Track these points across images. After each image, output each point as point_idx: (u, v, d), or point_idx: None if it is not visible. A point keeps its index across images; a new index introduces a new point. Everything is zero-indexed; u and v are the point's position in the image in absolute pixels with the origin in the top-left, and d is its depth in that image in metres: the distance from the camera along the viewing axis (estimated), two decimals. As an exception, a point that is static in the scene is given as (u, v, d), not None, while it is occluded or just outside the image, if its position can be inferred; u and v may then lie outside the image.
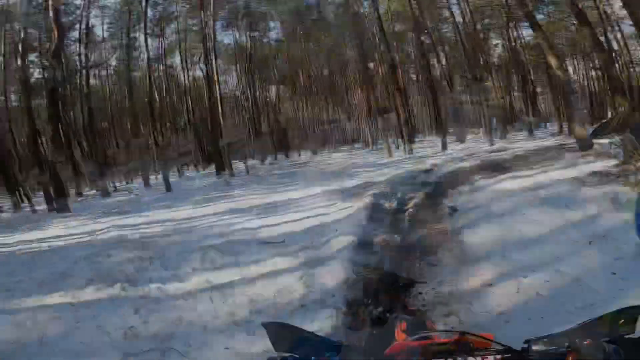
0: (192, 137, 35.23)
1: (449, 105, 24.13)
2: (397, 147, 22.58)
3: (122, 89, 27.77)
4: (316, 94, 35.59)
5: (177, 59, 33.35)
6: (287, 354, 0.91)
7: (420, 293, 3.67)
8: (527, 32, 25.87)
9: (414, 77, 38.65)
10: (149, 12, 21.13)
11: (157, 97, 24.77)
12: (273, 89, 40.25)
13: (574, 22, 13.70)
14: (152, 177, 22.83)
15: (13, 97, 22.54)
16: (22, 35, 17.75)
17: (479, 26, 23.94)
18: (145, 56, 20.78)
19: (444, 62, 28.02)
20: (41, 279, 5.01)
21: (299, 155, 35.86)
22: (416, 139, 27.79)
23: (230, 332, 3.27)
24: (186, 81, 33.27)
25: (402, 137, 19.90)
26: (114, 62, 26.12)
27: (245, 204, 10.13)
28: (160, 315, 3.70)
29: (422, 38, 20.35)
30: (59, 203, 12.98)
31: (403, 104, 19.20)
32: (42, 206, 15.33)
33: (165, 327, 3.46)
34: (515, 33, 25.09)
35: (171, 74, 34.06)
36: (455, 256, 4.44)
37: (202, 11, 20.60)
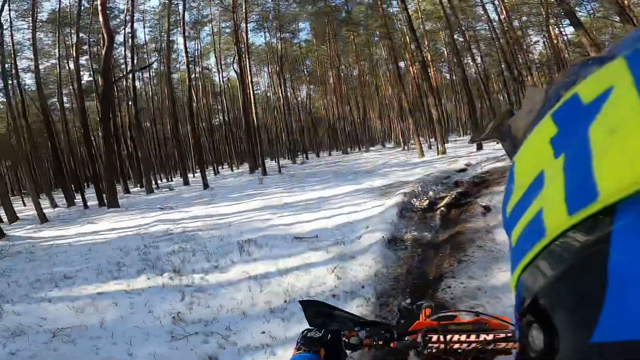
0: (226, 136, 36.25)
1: (485, 104, 23.11)
2: (430, 147, 22.82)
3: (163, 89, 29.19)
4: (346, 93, 35.38)
5: (212, 60, 34.45)
6: (320, 328, 0.99)
7: (449, 287, 3.72)
8: (569, 30, 24.17)
9: (447, 76, 37.36)
10: (186, 16, 22.01)
11: (194, 97, 25.84)
12: (304, 88, 40.41)
13: (617, 19, 12.75)
14: (189, 175, 23.91)
15: (65, 99, 24.50)
16: (74, 40, 19.10)
17: (516, 23, 22.73)
18: (184, 58, 21.67)
19: (479, 60, 26.94)
20: (98, 269, 5.50)
21: (330, 154, 35.83)
22: (450, 139, 27.16)
23: (266, 318, 3.48)
24: (221, 82, 34.27)
25: (435, 137, 19.79)
26: (155, 65, 27.60)
27: (279, 201, 10.49)
28: (203, 302, 3.99)
29: (455, 36, 19.71)
30: (109, 199, 13.82)
31: (436, 103, 18.60)
32: (93, 202, 16.61)
33: (208, 313, 3.72)
34: (556, 30, 23.51)
35: (207, 75, 35.30)
36: (486, 254, 4.43)
37: (234, 13, 21.06)
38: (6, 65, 17.08)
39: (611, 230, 0.16)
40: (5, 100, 16.09)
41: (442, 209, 7.27)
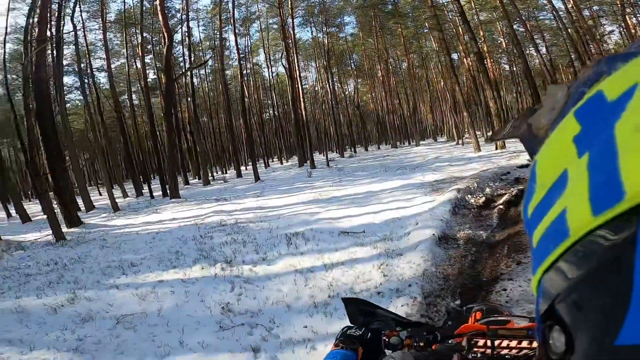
0: (276, 129, 37.16)
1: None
2: (487, 141, 21.65)
3: (218, 85, 30.68)
4: (395, 86, 34.52)
5: (261, 57, 35.51)
6: (360, 327, 0.98)
7: (505, 290, 3.45)
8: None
9: (506, 67, 34.74)
10: (235, 13, 22.80)
11: (246, 92, 26.83)
12: (351, 82, 40.07)
13: None
14: (242, 168, 24.92)
15: (134, 96, 26.70)
16: (139, 39, 20.65)
17: (586, 12, 20.54)
18: (236, 55, 22.50)
19: (543, 50, 24.59)
20: (160, 257, 5.92)
21: (378, 148, 35.25)
22: None
23: (309, 312, 3.50)
24: (270, 77, 35.26)
25: (493, 131, 18.35)
26: (210, 62, 29.05)
27: (326, 194, 10.51)
28: (250, 294, 4.12)
29: (515, 26, 18.13)
30: (171, 190, 14.87)
31: (494, 95, 17.39)
32: (158, 192, 18.04)
33: (254, 304, 3.83)
34: (634, 19, 20.62)
35: (257, 70, 36.52)
36: None
37: (280, 9, 21.29)
38: (82, 65, 18.92)
39: (638, 230, 0.16)
40: (82, 98, 17.88)
41: (501, 206, 6.74)
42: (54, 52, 14.63)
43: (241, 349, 2.93)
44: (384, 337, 0.96)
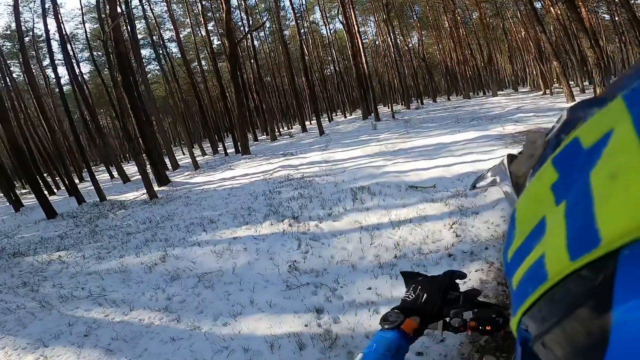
0: (338, 84, 36.74)
1: None
2: (583, 91, 19.62)
3: (278, 46, 30.51)
4: (465, 37, 31.25)
5: (317, 14, 34.40)
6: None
7: None
8: None
9: (605, 16, 29.23)
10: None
11: (305, 51, 26.25)
12: (414, 35, 37.19)
13: None
14: (306, 123, 25.12)
15: (203, 62, 27.94)
16: (199, 8, 21.09)
17: None
18: (292, 15, 21.97)
19: None
20: (234, 213, 6.28)
21: (448, 99, 33.05)
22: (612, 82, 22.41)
23: (374, 274, 3.42)
24: (328, 34, 34.42)
25: (590, 80, 16.78)
26: (267, 24, 28.74)
27: (393, 147, 10.04)
28: (316, 252, 4.16)
29: None
30: (242, 147, 15.71)
31: (592, 45, 15.21)
32: (231, 149, 19.18)
33: (319, 263, 3.87)
34: None
35: (315, 29, 35.81)
36: None
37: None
38: (154, 38, 20.13)
39: (614, 275, 0.17)
40: (159, 67, 19.22)
41: None
42: (128, 27, 15.76)
43: (305, 309, 3.00)
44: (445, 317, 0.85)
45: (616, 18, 27.59)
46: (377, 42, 38.92)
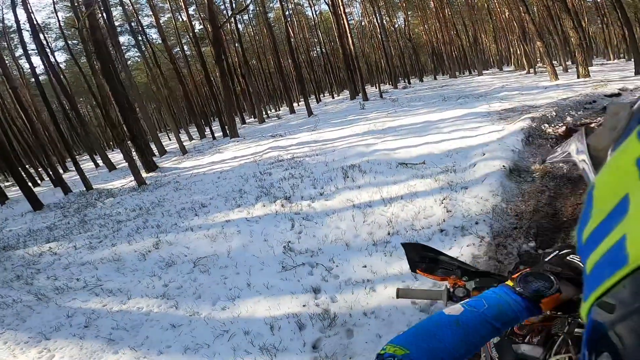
0: (325, 66, 36.55)
1: None
2: (565, 70, 19.87)
3: (263, 28, 29.73)
4: (451, 17, 31.31)
5: None
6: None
7: None
8: None
9: None
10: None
11: (291, 33, 25.62)
12: (400, 15, 36.98)
13: None
14: (294, 104, 24.87)
15: (185, 47, 27.13)
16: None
17: None
18: None
19: None
20: (226, 196, 6.22)
21: (435, 78, 33.30)
22: (595, 63, 23.11)
23: (368, 251, 3.47)
24: (314, 15, 33.89)
25: (573, 60, 16.59)
26: (251, 7, 27.79)
27: (382, 125, 10.03)
28: (310, 231, 4.19)
29: None
30: (230, 130, 15.49)
31: (575, 25, 15.75)
32: (218, 133, 18.87)
33: (314, 243, 3.90)
34: None
35: (300, 10, 35.07)
36: None
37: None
38: (133, 24, 19.39)
39: None
40: (139, 53, 18.61)
41: None
42: (104, 14, 15.21)
43: (302, 289, 3.04)
44: (448, 286, 0.89)
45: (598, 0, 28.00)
46: (363, 23, 38.65)
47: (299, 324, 2.65)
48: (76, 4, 11.48)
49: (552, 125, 6.89)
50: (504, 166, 4.71)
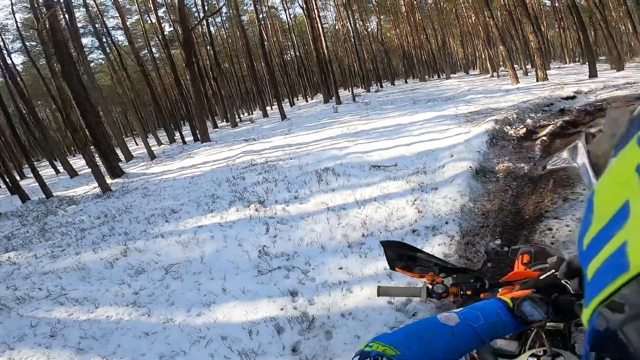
0: (298, 69, 36.73)
1: (602, 32, 19.55)
2: (526, 74, 21.00)
3: (236, 31, 29.40)
4: (421, 22, 32.54)
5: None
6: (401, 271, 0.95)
7: (550, 229, 3.21)
8: None
9: (546, 2, 31.80)
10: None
11: (265, 36, 25.54)
12: (373, 19, 38.04)
13: None
14: (268, 108, 24.74)
15: (154, 49, 26.33)
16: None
17: None
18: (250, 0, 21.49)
19: None
20: (197, 201, 6.07)
21: (406, 82, 34.33)
22: (552, 66, 24.62)
23: (344, 253, 3.51)
24: (288, 19, 34.02)
25: (532, 64, 18.19)
26: (225, 9, 27.47)
27: (354, 128, 10.18)
28: (285, 235, 4.17)
29: None
30: (201, 134, 15.16)
31: (534, 29, 16.69)
32: (189, 137, 18.41)
33: (289, 246, 3.89)
34: None
35: (274, 14, 35.13)
36: None
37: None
38: (97, 26, 18.64)
39: None
40: (104, 56, 17.91)
41: (544, 138, 6.30)
42: (66, 16, 14.64)
43: (279, 293, 3.03)
44: (427, 284, 0.90)
45: (556, 4, 29.49)
46: (337, 27, 39.06)
47: (277, 328, 2.64)
48: (36, 5, 10.93)
49: (514, 127, 7.29)
50: (470, 167, 4.92)
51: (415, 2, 31.64)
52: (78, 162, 20.04)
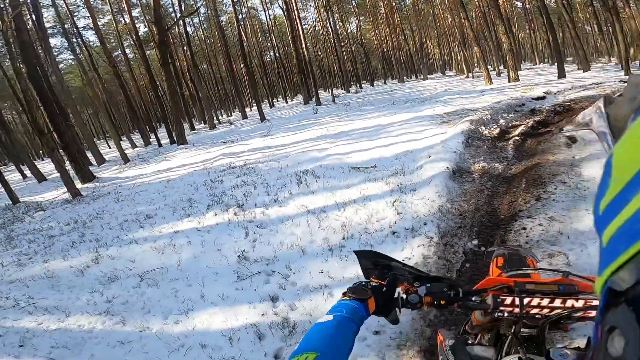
0: (278, 70, 36.60)
1: (569, 33, 20.61)
2: (499, 75, 21.70)
3: (214, 32, 28.91)
4: (400, 23, 33.16)
5: (256, 0, 33.36)
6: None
7: (524, 229, 3.29)
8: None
9: (518, 4, 33.26)
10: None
11: (244, 37, 25.26)
12: (353, 20, 38.48)
13: None
14: (247, 109, 24.47)
15: (128, 50, 25.54)
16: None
17: None
18: (229, 0, 21.11)
19: None
20: (174, 206, 5.91)
21: (385, 83, 34.85)
22: (523, 67, 25.68)
23: (324, 257, 3.49)
24: (268, 20, 33.82)
25: (505, 65, 18.57)
26: (202, 10, 26.94)
27: (334, 129, 10.21)
28: (265, 239, 4.11)
29: None
30: (177, 136, 14.79)
31: (506, 31, 17.19)
32: (165, 140, 17.93)
33: (269, 250, 3.84)
34: None
35: (253, 14, 34.79)
36: (571, 191, 3.80)
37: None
38: (66, 26, 17.89)
39: None
40: (73, 56, 17.20)
41: (516, 138, 6.52)
42: (33, 15, 14.12)
43: (260, 299, 2.98)
44: (401, 294, 0.90)
45: (527, 5, 30.63)
46: (317, 28, 39.21)
47: (258, 334, 2.59)
48: (2, 6, 10.36)
49: (488, 127, 7.50)
50: (447, 167, 5.01)
51: (394, 4, 32.18)
52: (46, 167, 19.13)
